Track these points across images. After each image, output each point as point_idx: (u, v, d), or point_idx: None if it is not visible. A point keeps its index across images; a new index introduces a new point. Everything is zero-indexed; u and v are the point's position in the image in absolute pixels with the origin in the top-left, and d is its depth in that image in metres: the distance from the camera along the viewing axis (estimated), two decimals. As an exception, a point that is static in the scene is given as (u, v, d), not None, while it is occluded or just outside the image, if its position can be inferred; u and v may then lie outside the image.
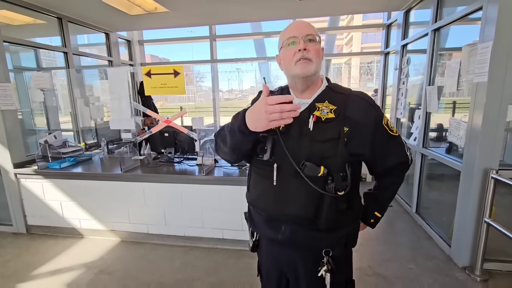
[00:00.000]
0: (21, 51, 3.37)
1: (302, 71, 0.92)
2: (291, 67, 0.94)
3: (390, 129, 1.00)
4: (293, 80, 0.99)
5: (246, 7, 3.41)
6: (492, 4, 1.88)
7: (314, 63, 0.92)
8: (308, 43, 0.92)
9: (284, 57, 0.96)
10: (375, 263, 2.30)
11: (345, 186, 0.90)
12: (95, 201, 2.69)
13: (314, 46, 0.92)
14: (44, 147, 2.87)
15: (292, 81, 1.00)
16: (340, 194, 0.90)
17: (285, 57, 0.96)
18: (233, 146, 0.97)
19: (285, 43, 0.95)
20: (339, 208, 0.95)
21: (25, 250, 2.62)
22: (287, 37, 0.94)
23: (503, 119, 1.97)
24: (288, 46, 0.94)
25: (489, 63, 1.89)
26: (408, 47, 3.47)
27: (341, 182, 0.90)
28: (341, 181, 0.90)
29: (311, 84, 0.97)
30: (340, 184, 0.90)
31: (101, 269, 2.31)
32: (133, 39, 4.95)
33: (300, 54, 0.91)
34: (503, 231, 1.88)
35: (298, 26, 0.95)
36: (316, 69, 0.93)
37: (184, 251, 2.53)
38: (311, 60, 0.92)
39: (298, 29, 0.93)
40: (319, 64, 0.95)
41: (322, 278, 0.98)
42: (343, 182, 0.91)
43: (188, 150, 2.88)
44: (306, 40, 0.92)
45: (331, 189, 0.90)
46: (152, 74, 2.57)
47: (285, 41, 0.94)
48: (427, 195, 3.05)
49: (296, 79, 0.96)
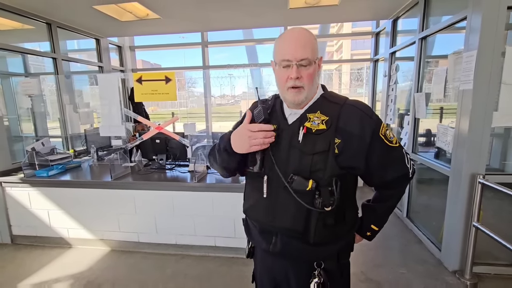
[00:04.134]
0: (8, 56, 3.30)
1: (293, 99, 0.91)
2: (283, 91, 0.93)
3: (388, 140, 0.93)
4: (285, 101, 0.98)
5: (238, 14, 3.45)
6: (476, 14, 1.95)
7: (306, 90, 0.90)
8: (302, 68, 0.88)
9: (277, 77, 0.95)
10: (368, 268, 2.31)
11: (332, 202, 0.87)
12: (84, 209, 2.63)
13: (307, 71, 0.89)
14: (31, 154, 2.80)
15: (284, 101, 1.00)
16: (327, 210, 0.87)
17: (277, 77, 0.94)
18: (221, 164, 1.03)
19: (278, 63, 0.92)
20: (327, 223, 0.92)
21: (10, 261, 2.53)
22: (280, 59, 0.90)
23: (488, 125, 2.02)
24: (281, 68, 0.91)
25: (474, 71, 1.95)
26: (396, 55, 3.56)
27: (329, 197, 0.87)
28: (328, 196, 0.87)
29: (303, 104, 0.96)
30: (327, 200, 0.87)
31: (90, 280, 2.25)
32: (124, 45, 4.92)
33: (292, 82, 0.89)
34: (491, 235, 1.92)
35: (293, 47, 0.88)
36: (308, 94, 0.92)
37: (176, 259, 2.49)
38: (303, 87, 0.90)
39: (293, 50, 0.88)
40: (312, 87, 0.93)
41: None
42: (331, 197, 0.87)
43: (180, 157, 2.86)
44: (300, 66, 0.88)
45: (318, 204, 0.87)
46: (143, 80, 2.55)
47: (278, 62, 0.91)
48: (417, 200, 3.09)
49: (288, 103, 0.97)
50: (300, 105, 0.94)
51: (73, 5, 2.93)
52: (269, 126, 0.91)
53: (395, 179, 0.98)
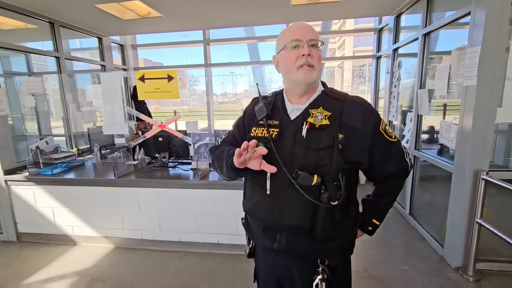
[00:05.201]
0: (12, 56, 3.32)
1: (305, 78, 0.90)
2: (292, 72, 0.91)
3: (388, 135, 0.95)
4: (293, 85, 0.96)
5: (240, 12, 3.44)
6: (480, 10, 1.93)
7: (316, 70, 0.90)
8: (312, 48, 0.89)
9: (285, 59, 0.93)
10: (370, 265, 2.32)
11: (339, 196, 0.87)
12: (88, 207, 2.65)
13: (316, 52, 0.90)
14: (36, 153, 2.82)
15: (291, 86, 0.97)
16: (334, 204, 0.87)
17: (285, 59, 0.92)
18: (228, 176, 1.04)
19: (287, 45, 0.91)
20: (335, 218, 0.92)
21: (16, 259, 2.56)
22: (290, 39, 0.90)
23: (492, 121, 2.01)
24: (291, 49, 0.90)
25: (478, 67, 1.94)
26: (399, 51, 3.53)
27: (335, 191, 0.87)
28: (335, 190, 0.87)
29: (310, 90, 0.95)
30: (334, 194, 0.87)
31: (95, 276, 2.27)
32: (126, 43, 4.93)
33: (304, 59, 0.88)
34: (495, 232, 1.91)
35: (302, 29, 0.90)
36: (317, 76, 0.91)
37: (179, 256, 2.51)
38: (314, 67, 0.89)
39: (302, 32, 0.89)
40: (320, 71, 0.93)
41: (318, 287, 0.96)
42: (337, 191, 0.87)
43: (183, 155, 2.87)
44: (310, 45, 0.88)
45: (324, 199, 0.87)
46: (146, 78, 2.56)
47: (288, 43, 0.90)
48: (420, 197, 3.09)
49: (297, 84, 0.94)
50: (309, 87, 0.94)
51: (75, 4, 2.93)
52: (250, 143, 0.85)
53: (395, 173, 1.00)
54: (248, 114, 1.06)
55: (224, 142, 1.13)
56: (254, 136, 0.98)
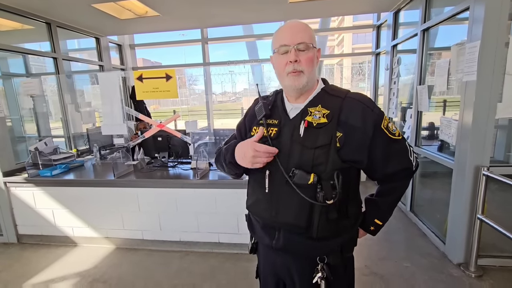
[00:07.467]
0: (9, 57, 3.31)
1: (293, 83, 0.90)
2: (283, 77, 0.92)
3: (391, 133, 0.92)
4: (285, 89, 0.98)
5: (237, 10, 3.42)
6: (479, 5, 1.92)
7: (306, 74, 0.90)
8: (300, 52, 0.88)
9: (276, 64, 0.94)
10: (372, 262, 2.32)
11: (334, 195, 0.87)
12: (88, 208, 2.65)
13: (306, 55, 0.89)
14: (35, 154, 2.81)
15: (285, 89, 1.00)
16: (329, 203, 0.87)
17: (276, 65, 0.94)
18: (229, 172, 1.10)
19: (276, 50, 0.91)
20: (331, 217, 0.91)
21: (16, 260, 2.56)
22: (278, 45, 0.90)
23: (492, 117, 2.00)
24: (280, 55, 0.91)
25: (477, 62, 1.93)
26: (398, 47, 3.52)
27: (330, 190, 0.87)
28: (330, 189, 0.87)
29: (305, 92, 0.95)
30: (329, 193, 0.86)
31: (96, 277, 2.27)
32: (124, 43, 4.91)
33: (291, 66, 0.88)
34: (496, 227, 1.91)
35: (290, 32, 0.90)
36: (308, 79, 0.91)
37: (180, 256, 2.51)
38: (303, 71, 0.89)
39: (290, 35, 0.89)
40: (312, 73, 0.92)
41: (317, 285, 0.96)
42: (333, 190, 0.87)
43: (182, 154, 2.86)
44: (298, 49, 0.88)
45: (320, 197, 0.87)
46: (144, 78, 2.54)
47: (277, 48, 0.91)
48: (421, 193, 3.08)
49: (289, 89, 0.95)
50: (301, 90, 0.93)
51: (72, 4, 2.91)
52: (275, 149, 0.90)
53: (398, 172, 0.97)
54: (249, 115, 1.08)
55: (226, 145, 1.15)
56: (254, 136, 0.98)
